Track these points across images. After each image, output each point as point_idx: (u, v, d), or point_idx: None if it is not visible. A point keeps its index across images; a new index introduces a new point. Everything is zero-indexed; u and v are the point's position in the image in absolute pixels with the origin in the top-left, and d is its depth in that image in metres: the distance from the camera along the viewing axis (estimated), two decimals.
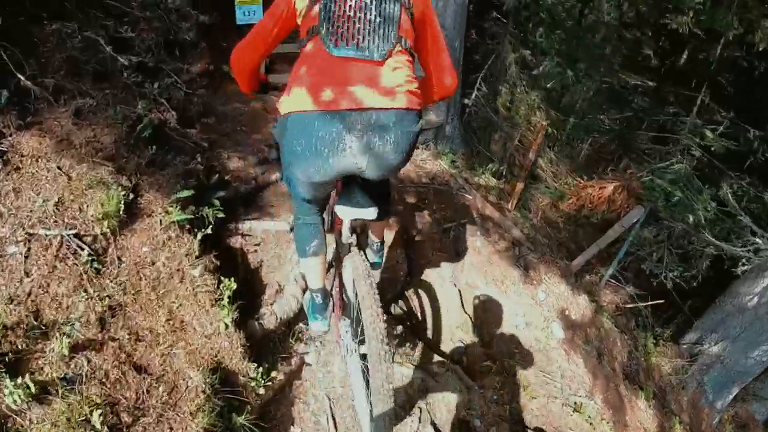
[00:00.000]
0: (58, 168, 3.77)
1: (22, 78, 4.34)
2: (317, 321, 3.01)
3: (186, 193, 3.86)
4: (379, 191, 2.49)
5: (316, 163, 2.08)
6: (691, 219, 5.42)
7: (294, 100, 2.05)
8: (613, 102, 8.06)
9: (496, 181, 7.62)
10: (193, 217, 3.85)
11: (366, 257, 2.80)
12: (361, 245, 3.03)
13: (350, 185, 2.40)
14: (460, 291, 5.43)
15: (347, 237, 2.71)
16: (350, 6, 1.95)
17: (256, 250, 4.39)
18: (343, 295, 3.05)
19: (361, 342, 2.60)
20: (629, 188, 5.98)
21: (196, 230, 3.80)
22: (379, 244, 3.29)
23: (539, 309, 5.79)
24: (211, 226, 3.86)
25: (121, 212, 3.56)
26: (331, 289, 3.20)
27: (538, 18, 7.73)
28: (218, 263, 3.76)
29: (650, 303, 6.85)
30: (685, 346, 6.77)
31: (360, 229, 2.97)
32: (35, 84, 4.35)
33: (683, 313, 7.45)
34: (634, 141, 7.26)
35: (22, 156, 3.71)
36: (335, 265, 3.17)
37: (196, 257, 3.65)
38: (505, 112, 8.42)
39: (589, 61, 8.04)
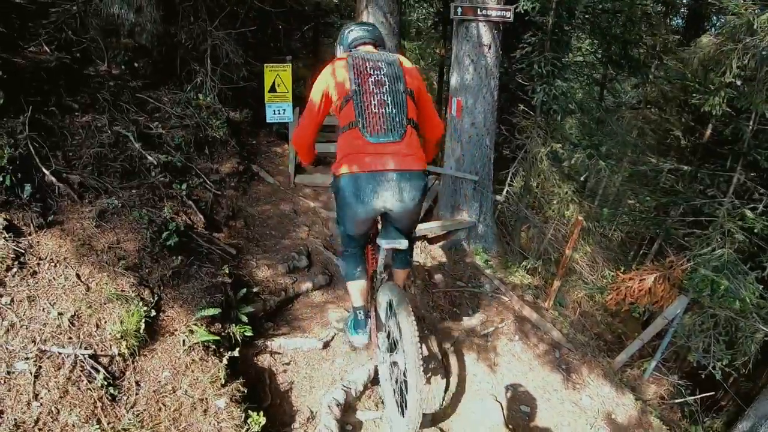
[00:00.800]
0: (77, 276, 3.56)
1: (47, 172, 4.22)
2: (359, 335, 3.64)
3: (212, 312, 3.64)
4: (408, 239, 3.31)
5: (361, 206, 2.96)
6: (737, 304, 5.05)
7: (346, 167, 2.93)
8: (647, 187, 7.84)
9: (531, 278, 7.37)
10: (218, 337, 3.56)
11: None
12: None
13: (386, 226, 3.28)
14: (502, 405, 4.98)
15: (381, 272, 3.67)
16: (374, 104, 2.89)
17: (285, 370, 4.07)
18: (378, 317, 3.68)
19: (392, 349, 3.40)
20: (670, 278, 5.81)
21: (222, 352, 3.54)
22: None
23: (584, 416, 5.41)
24: (238, 348, 3.56)
25: (141, 331, 3.26)
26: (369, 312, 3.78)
27: (566, 109, 7.66)
28: (245, 391, 3.37)
29: (700, 396, 6.41)
30: None
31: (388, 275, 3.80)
32: (60, 180, 4.27)
33: (733, 402, 6.90)
34: (672, 227, 7.00)
35: (40, 259, 3.58)
36: (371, 296, 3.83)
37: (222, 385, 3.29)
38: (538, 207, 8.27)
39: (617, 147, 7.96)
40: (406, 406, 3.11)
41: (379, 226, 3.56)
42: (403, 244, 3.16)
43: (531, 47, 7.23)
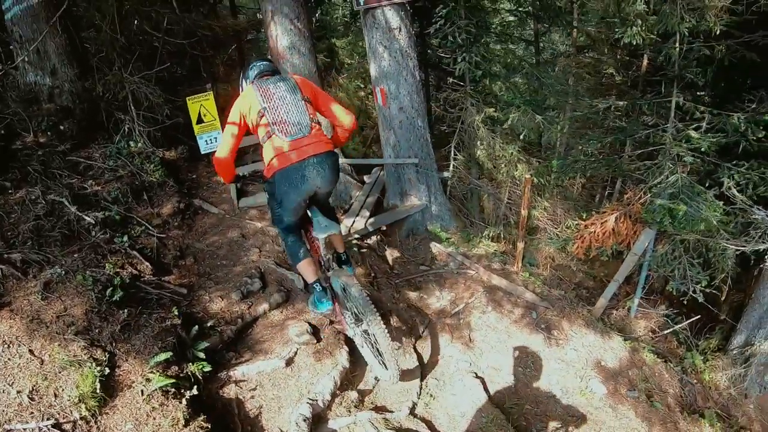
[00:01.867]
0: (30, 352, 3.70)
1: None
2: (323, 303, 4.25)
3: (164, 356, 3.79)
4: (329, 211, 4.34)
5: (295, 191, 3.78)
6: (702, 225, 5.18)
7: (274, 168, 3.71)
8: (591, 131, 7.90)
9: (497, 246, 7.42)
10: (176, 380, 3.70)
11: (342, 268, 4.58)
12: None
13: (315, 219, 4.07)
14: (483, 380, 5.09)
15: (325, 255, 4.46)
16: (283, 113, 3.68)
17: (253, 396, 4.22)
18: (338, 298, 4.45)
19: (358, 322, 4.26)
20: (631, 215, 5.92)
21: (182, 393, 3.71)
22: (344, 254, 4.71)
23: (572, 369, 5.46)
24: (197, 385, 3.72)
25: (97, 390, 3.40)
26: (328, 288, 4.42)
27: (491, 73, 7.79)
28: (209, 426, 3.54)
29: (687, 322, 6.54)
30: (735, 352, 6.41)
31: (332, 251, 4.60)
32: (1, 262, 4.28)
33: (724, 321, 7.02)
34: (624, 164, 7.05)
35: None
36: (325, 281, 4.43)
37: (184, 425, 3.45)
38: (488, 174, 8.38)
39: (555, 98, 8.06)
40: (385, 361, 4.06)
41: (310, 215, 4.26)
42: (336, 228, 4.05)
43: (444, 20, 7.34)
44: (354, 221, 6.70)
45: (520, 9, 9.41)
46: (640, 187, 6.07)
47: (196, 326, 4.38)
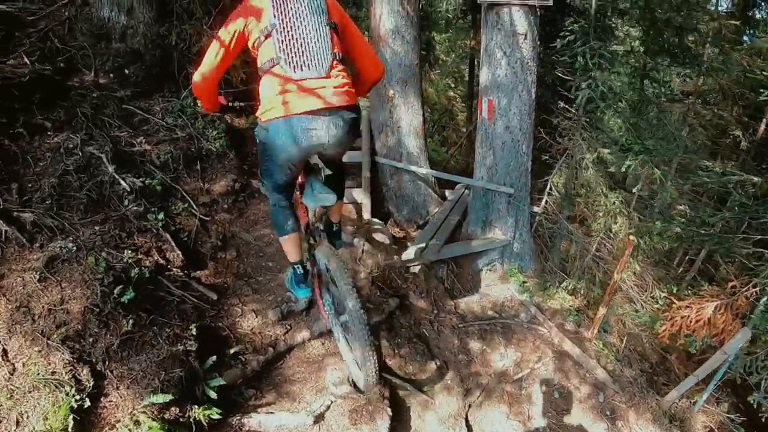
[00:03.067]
0: (4, 352, 2.79)
1: None
2: (301, 289, 3.41)
3: (162, 399, 2.73)
4: (337, 178, 3.22)
5: (295, 148, 2.75)
6: None
7: (274, 111, 2.69)
8: (708, 200, 6.73)
9: (572, 300, 6.36)
10: (171, 427, 2.67)
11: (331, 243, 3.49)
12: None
13: (311, 184, 3.12)
14: None
15: (314, 223, 3.49)
16: (296, 38, 2.65)
17: None
18: (320, 278, 3.63)
19: (339, 313, 3.41)
20: (733, 307, 4.99)
21: None
22: (337, 225, 3.69)
23: None
24: None
25: (69, 429, 2.37)
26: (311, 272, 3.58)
27: (615, 108, 6.51)
28: None
29: None
30: None
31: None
32: (8, 221, 3.50)
33: None
34: (736, 246, 5.88)
35: None
36: (309, 258, 3.59)
37: None
38: (580, 218, 7.22)
39: (664, 146, 6.82)
40: (358, 360, 3.22)
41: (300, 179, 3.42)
42: (330, 199, 3.06)
43: (574, 36, 6.11)
44: (427, 243, 5.59)
45: (649, 39, 8.06)
46: (748, 278, 5.06)
47: (214, 357, 3.35)
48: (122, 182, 4.14)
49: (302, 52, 2.64)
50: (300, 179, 3.39)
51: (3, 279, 3.15)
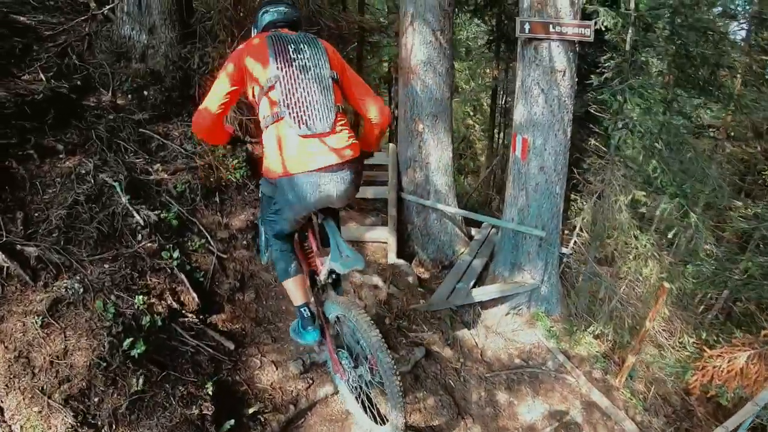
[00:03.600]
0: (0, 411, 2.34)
1: None
2: (309, 332, 3.21)
3: None
4: (335, 221, 3.06)
5: (302, 204, 2.67)
6: None
7: (280, 169, 2.58)
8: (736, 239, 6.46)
9: (598, 345, 6.08)
10: None
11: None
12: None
13: (334, 243, 2.85)
14: None
15: (324, 279, 3.15)
16: (300, 93, 2.52)
17: None
18: (327, 332, 3.33)
19: (357, 365, 3.14)
20: (767, 357, 4.75)
21: None
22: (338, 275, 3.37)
23: None
24: None
25: None
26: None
27: (652, 149, 6.18)
28: None
29: None
30: None
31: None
32: (11, 255, 3.14)
33: None
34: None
35: None
36: (318, 311, 3.35)
37: None
38: (608, 260, 6.91)
39: (692, 184, 6.52)
40: (384, 416, 3.06)
41: (316, 238, 3.22)
42: (361, 264, 2.81)
43: (611, 72, 5.82)
44: (455, 287, 5.24)
45: (682, 75, 7.79)
46: None
47: (233, 420, 2.97)
48: (136, 215, 3.80)
49: (306, 106, 2.53)
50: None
51: (2, 322, 2.81)
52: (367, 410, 3.26)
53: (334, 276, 3.26)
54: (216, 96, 2.65)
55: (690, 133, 8.09)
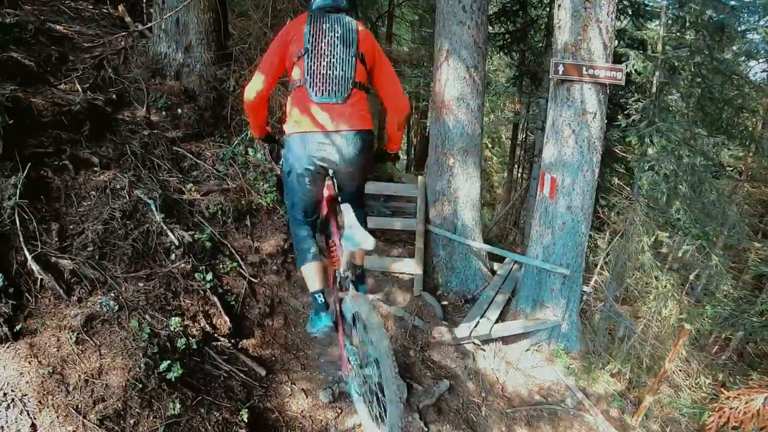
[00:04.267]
0: (33, 428, 2.27)
1: (29, 256, 3.09)
2: (321, 318, 3.13)
3: None
4: (358, 208, 3.10)
5: (309, 158, 2.83)
6: None
7: (295, 126, 2.84)
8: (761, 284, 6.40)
9: (615, 383, 5.95)
10: None
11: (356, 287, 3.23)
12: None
13: (348, 223, 2.87)
14: None
15: (344, 272, 3.10)
16: (323, 65, 2.77)
17: None
18: (343, 327, 3.29)
19: (364, 365, 3.03)
20: None
21: None
22: (360, 269, 3.43)
23: None
24: None
25: None
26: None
27: (676, 192, 6.13)
28: None
29: None
30: None
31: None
32: (46, 267, 3.12)
33: None
34: None
35: None
36: (335, 301, 3.33)
37: None
38: (628, 299, 6.86)
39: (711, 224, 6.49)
40: (384, 416, 2.92)
41: (338, 222, 3.26)
42: (372, 244, 2.87)
43: (639, 114, 5.83)
44: (478, 322, 5.15)
45: (707, 117, 7.82)
46: None
47: None
48: (170, 234, 3.74)
49: (326, 78, 2.78)
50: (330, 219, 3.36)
51: (35, 335, 2.75)
52: (371, 409, 3.20)
53: (357, 271, 3.35)
54: (265, 63, 2.93)
55: (711, 173, 8.13)
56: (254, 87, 2.95)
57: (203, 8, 5.36)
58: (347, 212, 2.95)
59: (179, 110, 5.19)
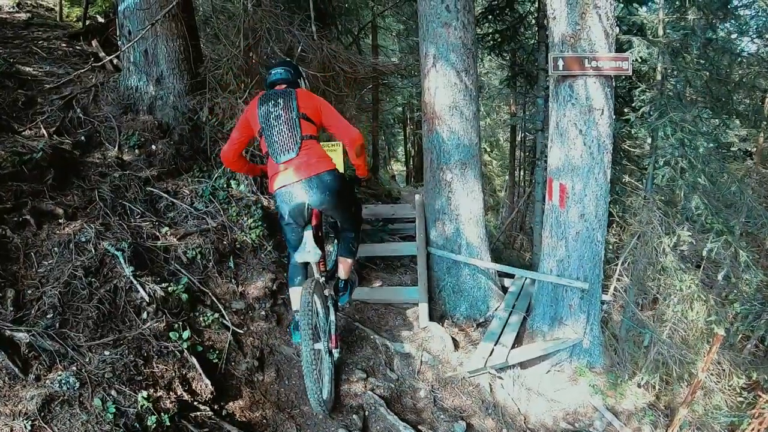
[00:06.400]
0: None
1: None
2: (297, 334, 3.54)
3: None
4: (345, 236, 3.97)
5: (288, 207, 3.46)
6: None
7: (273, 186, 3.50)
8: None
9: (644, 395, 5.48)
10: None
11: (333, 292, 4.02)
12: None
13: (303, 239, 3.58)
14: None
15: (317, 274, 3.71)
16: (275, 134, 3.45)
17: None
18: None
19: (316, 340, 3.38)
20: None
21: None
22: (343, 282, 4.06)
23: None
24: None
25: None
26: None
27: (694, 185, 5.69)
28: None
29: None
30: None
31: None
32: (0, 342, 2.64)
33: None
34: None
35: None
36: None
37: None
38: (649, 304, 6.44)
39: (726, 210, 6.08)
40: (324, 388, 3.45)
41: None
42: (314, 257, 3.54)
43: (648, 106, 5.41)
44: (493, 350, 4.70)
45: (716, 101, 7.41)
46: None
47: None
48: (141, 289, 3.37)
49: (281, 143, 3.44)
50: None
51: None
52: (316, 379, 3.36)
53: (340, 284, 4.05)
54: (235, 131, 3.70)
55: (723, 158, 7.74)
56: (228, 148, 3.70)
57: (172, 35, 5.03)
58: (306, 233, 3.56)
59: (153, 146, 4.84)
